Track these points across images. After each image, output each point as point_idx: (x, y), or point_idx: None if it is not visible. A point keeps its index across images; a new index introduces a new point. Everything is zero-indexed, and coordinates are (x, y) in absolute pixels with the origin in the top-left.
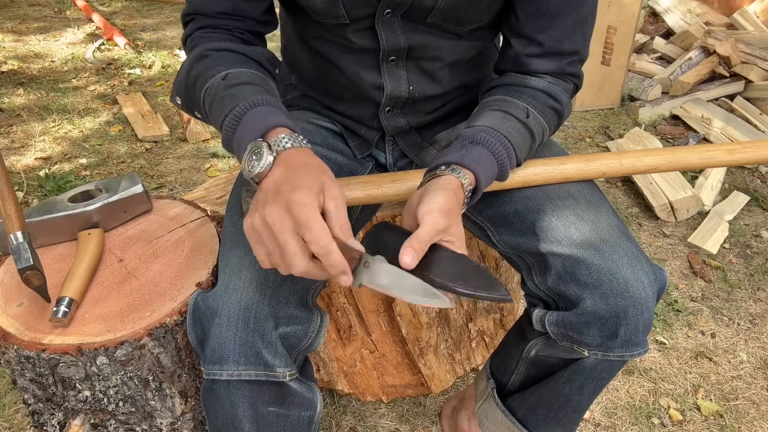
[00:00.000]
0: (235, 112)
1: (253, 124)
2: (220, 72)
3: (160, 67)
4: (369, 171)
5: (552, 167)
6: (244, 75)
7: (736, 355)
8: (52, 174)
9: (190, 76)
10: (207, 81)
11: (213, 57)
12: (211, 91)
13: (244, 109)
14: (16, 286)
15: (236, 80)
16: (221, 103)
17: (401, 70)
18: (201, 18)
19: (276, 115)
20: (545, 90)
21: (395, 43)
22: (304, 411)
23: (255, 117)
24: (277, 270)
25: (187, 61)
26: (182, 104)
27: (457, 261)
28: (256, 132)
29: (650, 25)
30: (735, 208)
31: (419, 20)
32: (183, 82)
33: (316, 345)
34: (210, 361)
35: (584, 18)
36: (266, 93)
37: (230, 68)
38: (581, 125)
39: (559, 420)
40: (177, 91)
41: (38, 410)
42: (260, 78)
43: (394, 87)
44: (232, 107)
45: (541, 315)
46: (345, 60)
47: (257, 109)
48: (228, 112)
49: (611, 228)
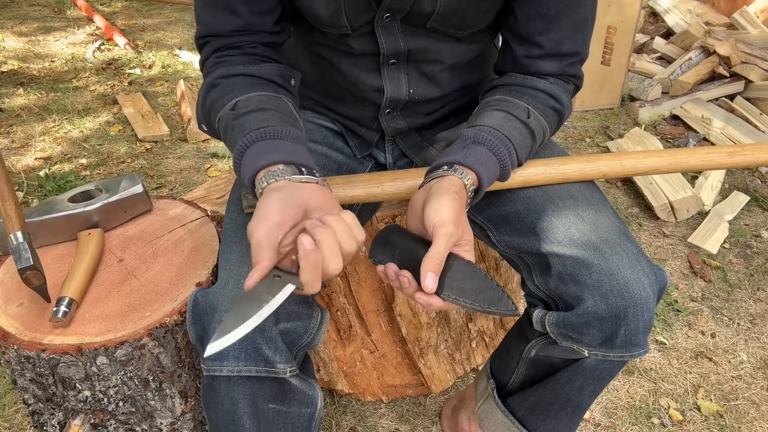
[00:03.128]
0: (239, 147)
1: (249, 163)
2: (230, 101)
3: (160, 67)
4: (369, 170)
5: (552, 167)
6: (253, 101)
7: (736, 355)
8: (52, 174)
9: (205, 108)
10: (219, 111)
11: (222, 85)
12: (223, 122)
13: (246, 145)
14: (16, 286)
15: (245, 108)
16: (232, 135)
17: (401, 73)
18: (214, 39)
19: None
20: (546, 90)
21: (395, 47)
22: (305, 408)
23: (253, 154)
24: None
25: (202, 91)
26: (208, 131)
27: (467, 271)
28: (251, 172)
29: (650, 25)
30: (735, 208)
31: (419, 25)
32: (200, 110)
33: (317, 342)
34: (210, 358)
35: (584, 19)
36: (273, 118)
37: (239, 95)
38: (581, 125)
39: (559, 420)
40: (199, 120)
41: (38, 410)
42: (271, 100)
43: (395, 90)
44: (238, 141)
45: (542, 315)
46: (346, 63)
47: (257, 144)
48: (235, 146)
49: (611, 228)
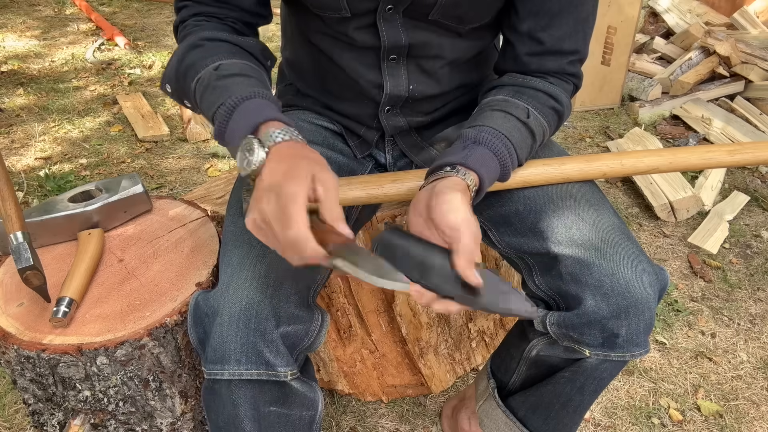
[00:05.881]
0: (228, 104)
1: (245, 118)
2: (213, 63)
3: (160, 67)
4: (369, 171)
5: (553, 167)
6: (236, 66)
7: (736, 355)
8: (52, 174)
9: (182, 65)
10: (199, 71)
11: (206, 47)
12: (203, 81)
13: (237, 102)
14: (16, 286)
15: (229, 71)
16: (213, 94)
17: (401, 69)
18: (194, 5)
19: (269, 109)
20: (545, 90)
21: (396, 40)
22: (306, 411)
23: (247, 110)
24: (278, 268)
25: (180, 50)
26: (172, 92)
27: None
28: (248, 126)
29: (650, 25)
30: (735, 208)
31: (421, 17)
32: (174, 69)
33: (317, 345)
34: (211, 361)
35: (585, 17)
36: (259, 85)
37: (223, 59)
38: (581, 125)
39: (560, 420)
40: (168, 78)
41: (38, 410)
42: (253, 69)
43: (395, 86)
44: (224, 99)
45: (542, 315)
46: (346, 58)
47: (249, 102)
48: (220, 104)
49: (612, 228)
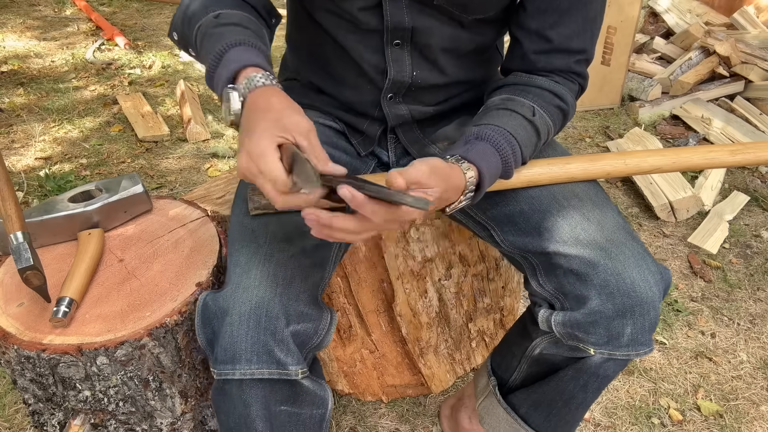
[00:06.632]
0: (217, 50)
1: (227, 64)
2: (214, 11)
3: (160, 67)
4: (372, 169)
5: (557, 167)
6: (235, 16)
7: (736, 355)
8: (52, 174)
9: (188, 13)
10: (200, 18)
11: None
12: (203, 28)
13: (224, 49)
14: (16, 286)
15: (227, 20)
16: (209, 41)
17: (405, 54)
18: None
19: (249, 54)
20: (551, 89)
21: (399, 22)
22: (316, 409)
23: (231, 56)
24: (286, 267)
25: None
26: (178, 40)
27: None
28: (228, 72)
29: (650, 25)
30: (735, 208)
31: (426, 1)
32: (180, 18)
33: (326, 343)
34: (221, 361)
35: (593, 17)
36: (253, 36)
37: (224, 8)
38: (581, 125)
39: (562, 417)
40: (174, 27)
41: (38, 410)
42: (251, 21)
43: (398, 71)
44: (217, 46)
45: (547, 315)
46: (350, 40)
47: (236, 48)
48: (213, 51)
49: (617, 228)
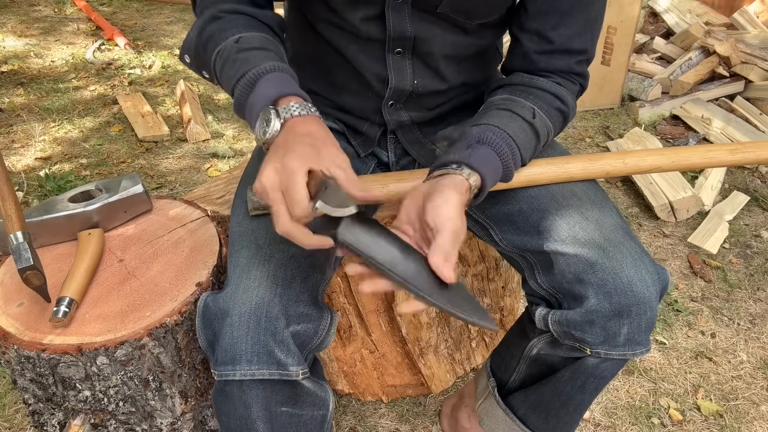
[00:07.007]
0: (248, 77)
1: (265, 91)
2: (233, 35)
3: (160, 67)
4: (372, 169)
5: (556, 166)
6: (256, 39)
7: (736, 355)
8: (52, 174)
9: (203, 37)
10: (219, 43)
11: (226, 19)
12: (224, 54)
13: (258, 75)
14: (16, 286)
15: (249, 44)
16: (233, 67)
17: (407, 62)
18: None
19: (288, 84)
20: (552, 91)
21: (402, 31)
22: (317, 410)
23: (268, 84)
24: (286, 268)
25: (200, 22)
26: (191, 63)
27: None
28: (267, 99)
29: (650, 25)
30: (735, 208)
31: (430, 9)
32: (194, 41)
33: (327, 343)
34: (222, 362)
35: (594, 18)
36: (278, 59)
37: (243, 32)
38: (581, 125)
39: (560, 418)
40: (187, 50)
41: (38, 410)
42: (272, 43)
43: (399, 80)
44: (245, 72)
45: (544, 314)
46: (351, 50)
47: (270, 75)
48: (240, 77)
49: (615, 228)
